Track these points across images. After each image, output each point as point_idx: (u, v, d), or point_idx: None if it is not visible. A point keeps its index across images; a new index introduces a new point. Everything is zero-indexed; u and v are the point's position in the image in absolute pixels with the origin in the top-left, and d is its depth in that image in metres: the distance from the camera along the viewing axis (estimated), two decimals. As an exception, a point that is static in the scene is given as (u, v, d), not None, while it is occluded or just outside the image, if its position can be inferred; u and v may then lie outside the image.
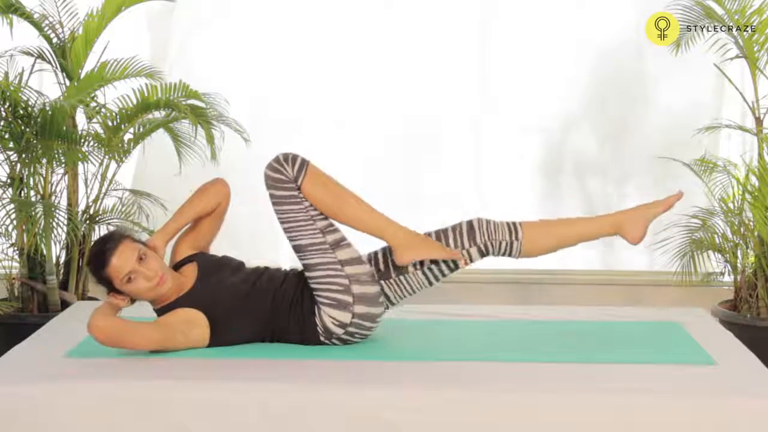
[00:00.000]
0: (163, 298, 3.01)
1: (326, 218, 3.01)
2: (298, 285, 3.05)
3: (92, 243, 3.12)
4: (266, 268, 3.14)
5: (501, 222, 3.07)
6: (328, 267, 2.97)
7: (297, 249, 3.00)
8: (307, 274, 3.00)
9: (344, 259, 2.98)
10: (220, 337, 2.98)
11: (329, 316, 2.97)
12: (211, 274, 3.08)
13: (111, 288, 2.97)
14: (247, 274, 3.10)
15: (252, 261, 3.40)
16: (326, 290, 2.97)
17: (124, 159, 4.30)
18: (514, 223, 3.07)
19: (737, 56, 4.32)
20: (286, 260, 4.98)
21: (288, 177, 2.96)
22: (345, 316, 2.97)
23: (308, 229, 2.98)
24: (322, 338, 3.00)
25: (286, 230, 3.00)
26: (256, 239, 5.05)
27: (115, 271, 2.92)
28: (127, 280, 2.92)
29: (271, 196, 3.00)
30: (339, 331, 2.98)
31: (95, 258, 2.96)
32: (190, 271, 3.10)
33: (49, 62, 4.27)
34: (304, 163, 2.99)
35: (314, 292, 2.99)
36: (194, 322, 2.95)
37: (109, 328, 2.84)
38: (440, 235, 3.08)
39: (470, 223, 3.07)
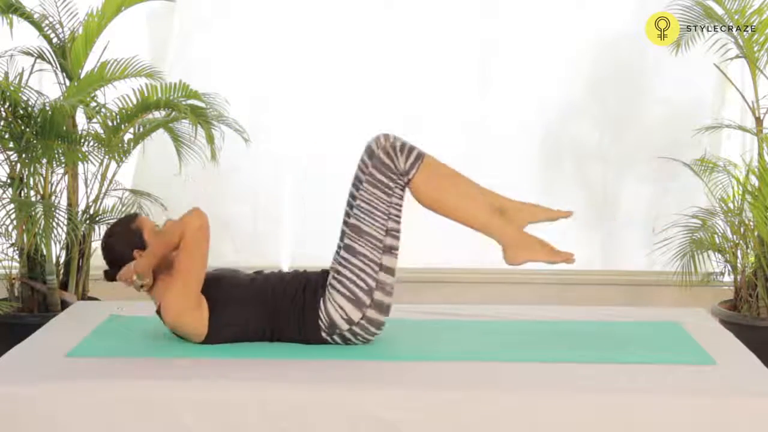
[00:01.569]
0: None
1: (398, 222, 2.99)
2: (300, 283, 3.05)
3: (105, 232, 3.19)
4: (261, 271, 3.17)
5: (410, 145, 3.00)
6: (368, 263, 2.97)
7: (354, 229, 2.98)
8: (344, 254, 2.99)
9: (385, 266, 2.98)
10: (218, 323, 2.97)
11: (340, 308, 2.97)
12: (208, 275, 3.11)
13: (134, 250, 3.03)
14: (245, 274, 3.13)
15: (252, 261, 3.40)
16: (351, 281, 2.97)
17: (124, 159, 4.30)
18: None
19: (737, 56, 4.32)
20: (286, 260, 4.98)
21: (397, 169, 2.95)
22: (355, 314, 2.97)
23: (378, 222, 2.97)
24: (323, 333, 3.00)
25: (358, 207, 2.98)
26: (257, 239, 5.05)
27: (146, 220, 3.07)
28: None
29: (368, 174, 2.97)
30: (344, 326, 2.98)
31: (120, 221, 3.11)
32: None
33: (49, 62, 4.27)
34: (420, 157, 2.96)
35: (336, 276, 2.98)
36: (201, 300, 2.98)
37: (207, 227, 2.93)
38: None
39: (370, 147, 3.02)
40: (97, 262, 4.74)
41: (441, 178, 2.98)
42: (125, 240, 3.05)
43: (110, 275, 3.10)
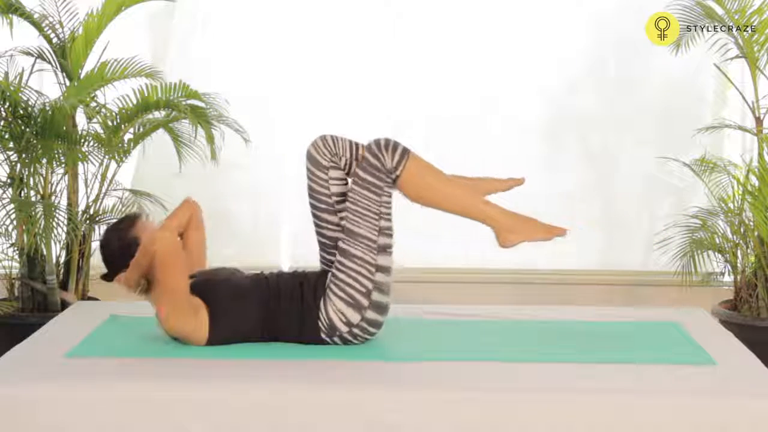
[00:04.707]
0: None
1: (389, 220, 3.00)
2: (299, 284, 3.04)
3: (104, 231, 3.21)
4: (261, 272, 3.16)
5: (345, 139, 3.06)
6: (364, 265, 2.97)
7: (347, 232, 2.98)
8: (339, 258, 2.99)
9: (381, 266, 2.99)
10: (219, 327, 2.97)
11: (339, 312, 2.97)
12: (207, 273, 3.13)
13: (130, 259, 3.01)
14: (244, 275, 3.14)
15: (252, 260, 3.40)
16: (348, 284, 2.97)
17: (124, 159, 4.30)
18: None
19: (737, 56, 4.32)
20: (286, 260, 4.98)
21: (384, 166, 2.95)
22: (355, 317, 2.97)
23: (370, 222, 2.97)
24: (323, 335, 3.00)
25: (349, 210, 2.99)
26: (257, 239, 5.05)
27: (145, 227, 3.06)
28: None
29: (356, 175, 2.98)
30: (344, 329, 2.98)
31: (118, 228, 3.09)
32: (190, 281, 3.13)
33: (49, 62, 4.27)
34: (405, 153, 2.96)
35: (333, 279, 2.98)
36: (198, 307, 2.97)
37: (174, 242, 2.94)
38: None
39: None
40: (97, 262, 4.78)
41: (425, 176, 2.98)
42: (121, 252, 3.05)
43: (108, 279, 3.14)
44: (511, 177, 3.12)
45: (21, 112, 3.95)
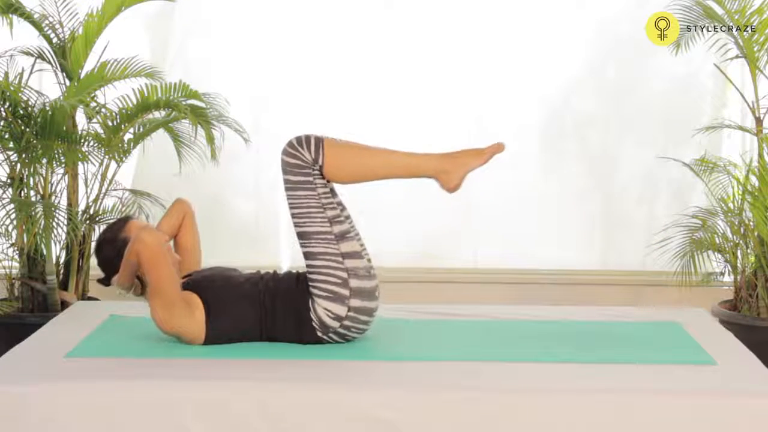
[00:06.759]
0: None
1: (335, 208, 3.00)
2: (292, 284, 3.04)
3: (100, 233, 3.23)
4: (258, 271, 3.17)
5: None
6: (330, 258, 2.96)
7: (302, 236, 2.99)
8: (307, 262, 3.00)
9: (346, 252, 2.98)
10: (216, 324, 2.97)
11: (324, 309, 2.97)
12: (204, 272, 3.15)
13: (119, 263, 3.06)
14: (241, 275, 3.14)
15: (252, 260, 3.40)
16: (324, 281, 2.96)
17: (124, 159, 4.30)
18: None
19: (737, 56, 4.32)
20: (286, 260, 4.98)
21: (306, 161, 2.95)
22: (341, 309, 2.97)
23: (317, 218, 2.97)
24: (319, 333, 3.00)
25: (294, 215, 2.99)
26: (257, 238, 5.05)
27: (136, 227, 3.11)
28: None
29: (286, 181, 2.98)
30: (335, 324, 2.98)
31: (111, 229, 3.13)
32: (185, 279, 3.14)
33: (49, 62, 4.27)
34: (320, 141, 2.96)
35: (311, 283, 2.99)
36: (193, 304, 2.98)
37: (156, 240, 2.91)
38: None
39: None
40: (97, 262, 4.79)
41: (346, 153, 2.97)
42: (113, 252, 3.11)
43: (105, 283, 3.17)
44: (490, 145, 3.02)
45: (21, 112, 3.95)
